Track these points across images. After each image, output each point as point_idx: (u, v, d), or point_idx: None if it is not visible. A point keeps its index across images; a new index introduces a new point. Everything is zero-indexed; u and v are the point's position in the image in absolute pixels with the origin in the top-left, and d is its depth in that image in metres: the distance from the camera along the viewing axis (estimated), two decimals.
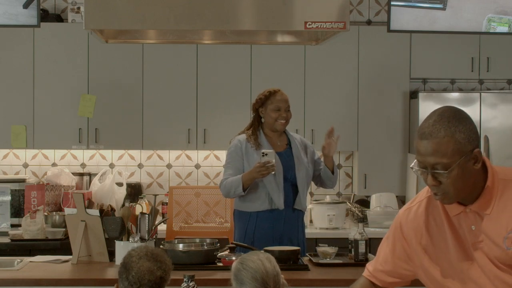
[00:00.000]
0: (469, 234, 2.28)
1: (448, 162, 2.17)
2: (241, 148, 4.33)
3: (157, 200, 4.40)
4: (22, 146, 5.86)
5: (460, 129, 2.19)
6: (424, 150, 2.20)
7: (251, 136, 4.36)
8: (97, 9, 3.59)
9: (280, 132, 4.42)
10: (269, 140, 4.38)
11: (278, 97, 4.36)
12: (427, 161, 2.20)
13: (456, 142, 2.17)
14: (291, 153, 4.37)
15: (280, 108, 4.34)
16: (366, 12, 6.28)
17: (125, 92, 5.87)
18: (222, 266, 3.88)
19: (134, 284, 2.75)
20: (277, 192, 4.26)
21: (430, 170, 2.21)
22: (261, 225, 4.28)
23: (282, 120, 4.35)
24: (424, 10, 4.44)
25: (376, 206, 5.83)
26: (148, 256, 2.79)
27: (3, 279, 3.69)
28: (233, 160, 4.34)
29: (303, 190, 4.34)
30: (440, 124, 2.19)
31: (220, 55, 5.86)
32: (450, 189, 2.21)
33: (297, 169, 4.33)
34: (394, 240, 2.49)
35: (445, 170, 2.18)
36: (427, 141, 2.19)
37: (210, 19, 3.61)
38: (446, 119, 2.20)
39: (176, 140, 5.89)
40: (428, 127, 2.20)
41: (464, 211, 2.28)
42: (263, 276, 2.60)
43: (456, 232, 2.30)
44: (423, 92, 5.88)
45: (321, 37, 4.13)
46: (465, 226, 2.28)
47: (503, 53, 5.97)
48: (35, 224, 4.82)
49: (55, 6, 6.17)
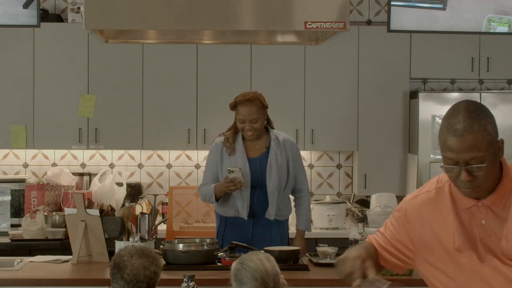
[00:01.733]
0: (477, 229, 2.27)
1: (484, 155, 2.17)
2: (217, 152, 4.30)
3: (157, 200, 4.40)
4: (22, 146, 5.86)
5: (489, 121, 2.20)
6: (459, 146, 2.18)
7: (228, 139, 4.28)
8: (97, 9, 3.58)
9: (261, 134, 4.30)
10: (247, 144, 4.29)
11: (243, 108, 4.21)
12: (461, 157, 2.18)
13: (489, 134, 2.18)
14: (267, 159, 4.26)
15: (244, 121, 4.22)
16: (366, 12, 6.28)
17: (125, 92, 5.87)
18: (222, 266, 3.88)
19: (131, 282, 2.77)
20: (241, 201, 4.20)
21: (464, 166, 2.19)
22: (229, 231, 4.27)
23: (248, 132, 4.23)
24: (424, 10, 4.44)
25: (376, 206, 5.83)
26: (139, 253, 2.84)
27: (3, 279, 3.69)
28: (211, 164, 4.33)
29: (273, 199, 4.22)
30: (471, 119, 2.18)
31: (220, 55, 5.86)
32: (483, 182, 2.20)
33: (268, 177, 4.22)
34: (397, 225, 2.46)
35: (481, 163, 2.17)
36: (462, 137, 2.17)
37: (210, 19, 3.61)
38: (474, 113, 2.19)
39: (176, 140, 5.89)
40: (460, 123, 2.18)
41: (476, 205, 2.27)
42: (262, 275, 2.61)
43: (463, 226, 2.29)
44: (423, 92, 5.88)
45: (321, 37, 4.13)
46: (475, 220, 2.28)
47: (503, 53, 5.97)
48: (35, 224, 4.82)
49: (55, 6, 6.17)
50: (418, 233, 2.39)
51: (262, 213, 4.24)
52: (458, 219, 2.31)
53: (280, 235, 4.31)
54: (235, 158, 4.24)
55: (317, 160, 6.26)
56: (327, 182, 6.27)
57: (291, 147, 4.34)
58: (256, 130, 4.24)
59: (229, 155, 4.25)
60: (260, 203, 4.23)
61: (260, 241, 4.18)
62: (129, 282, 2.77)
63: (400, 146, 5.97)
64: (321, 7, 3.63)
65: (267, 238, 4.24)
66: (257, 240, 4.20)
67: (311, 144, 5.94)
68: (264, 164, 4.25)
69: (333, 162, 6.27)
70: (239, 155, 4.24)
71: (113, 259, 2.86)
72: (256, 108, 4.22)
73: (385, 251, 2.47)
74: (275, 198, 4.23)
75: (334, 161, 6.27)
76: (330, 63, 5.91)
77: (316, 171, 6.26)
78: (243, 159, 4.24)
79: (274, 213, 4.24)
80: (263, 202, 4.23)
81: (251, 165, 4.24)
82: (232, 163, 4.21)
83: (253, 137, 4.26)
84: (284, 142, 4.32)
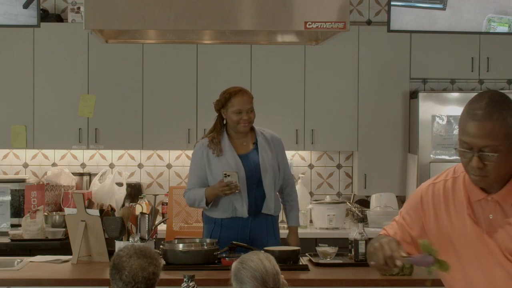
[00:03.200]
0: (485, 222, 2.29)
1: (498, 145, 2.18)
2: (202, 155, 4.21)
3: (157, 200, 4.40)
4: (22, 146, 5.86)
5: (510, 114, 2.21)
6: (476, 131, 2.20)
7: (213, 140, 4.21)
8: (97, 9, 3.58)
9: (246, 132, 4.26)
10: (234, 142, 4.24)
11: (238, 98, 4.18)
12: (476, 143, 2.20)
13: (507, 126, 2.19)
14: (258, 154, 4.23)
15: (242, 111, 4.17)
16: (366, 12, 6.28)
17: (125, 92, 5.87)
18: (222, 266, 3.88)
19: (129, 284, 2.78)
20: (240, 200, 4.15)
21: (477, 152, 2.20)
22: (225, 233, 4.18)
23: (244, 122, 4.19)
24: (424, 10, 4.43)
25: (376, 206, 5.83)
26: (138, 253, 2.84)
27: (3, 279, 3.69)
28: (196, 168, 4.23)
29: (270, 194, 4.19)
30: (492, 107, 2.20)
31: (220, 55, 5.86)
32: (492, 172, 2.22)
33: (263, 172, 4.19)
34: (413, 214, 2.47)
35: (493, 152, 2.19)
36: (480, 123, 2.19)
37: (210, 19, 3.61)
38: (497, 102, 2.21)
39: (176, 140, 5.89)
40: (481, 109, 2.20)
41: (486, 199, 2.29)
42: (263, 275, 2.61)
43: (475, 217, 2.32)
44: (423, 92, 5.89)
45: (321, 37, 4.13)
46: (484, 213, 2.30)
47: (503, 53, 5.97)
48: (35, 224, 4.82)
49: (55, 6, 6.17)
50: (431, 223, 2.41)
51: (259, 210, 4.21)
52: (470, 208, 2.33)
53: (274, 231, 4.29)
54: (225, 158, 4.17)
55: (317, 160, 6.26)
56: (327, 182, 6.27)
57: (278, 143, 4.33)
58: (252, 121, 4.21)
59: (217, 156, 4.18)
60: (257, 199, 4.20)
61: (257, 240, 4.17)
62: (128, 283, 2.78)
63: (400, 146, 5.97)
64: (321, 7, 3.63)
65: (263, 235, 4.22)
66: (253, 239, 4.18)
67: (311, 144, 5.93)
68: (256, 160, 4.21)
69: (333, 162, 6.27)
70: (229, 154, 4.18)
71: (112, 260, 2.87)
72: (249, 98, 4.22)
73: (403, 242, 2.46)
74: (272, 192, 4.20)
75: (334, 161, 6.27)
76: (330, 63, 5.91)
77: (316, 171, 6.26)
78: (234, 157, 4.18)
79: (273, 208, 4.22)
80: (259, 198, 4.21)
81: (243, 161, 4.20)
82: (222, 163, 4.15)
83: (248, 128, 4.21)
84: (272, 139, 4.30)
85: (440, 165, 5.60)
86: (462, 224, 2.33)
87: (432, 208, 2.41)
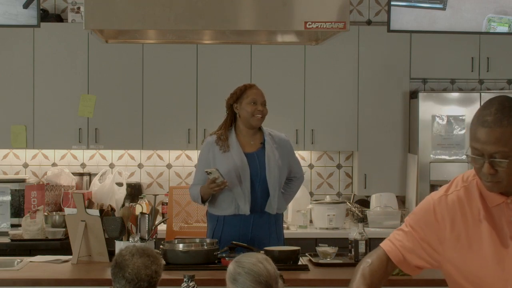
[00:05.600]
0: (508, 226, 2.27)
1: (508, 151, 2.17)
2: (208, 152, 4.23)
3: (157, 200, 4.40)
4: (22, 146, 5.86)
5: None
6: (485, 138, 2.18)
7: (221, 137, 4.23)
8: (97, 9, 3.58)
9: (255, 130, 4.26)
10: (242, 139, 4.24)
11: (254, 90, 4.23)
12: (486, 149, 2.19)
13: None
14: (264, 153, 4.23)
15: (256, 102, 4.19)
16: (366, 12, 6.28)
17: (125, 92, 5.87)
18: (222, 266, 3.88)
19: (132, 281, 2.79)
20: (243, 197, 4.14)
21: (487, 159, 2.19)
22: (228, 230, 4.18)
23: (258, 114, 4.19)
24: (424, 10, 4.43)
25: (376, 206, 5.83)
26: (140, 252, 2.86)
27: (3, 279, 3.69)
28: (202, 164, 4.24)
29: (274, 193, 4.19)
30: (503, 113, 2.18)
31: (220, 55, 5.86)
32: (505, 178, 2.20)
33: (267, 170, 4.18)
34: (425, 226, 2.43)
35: (504, 159, 2.17)
36: (490, 129, 2.18)
37: (210, 19, 3.61)
38: (507, 108, 2.19)
39: (176, 140, 5.90)
40: (491, 115, 2.19)
41: (506, 202, 2.27)
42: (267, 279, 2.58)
43: (494, 223, 2.29)
44: (423, 92, 5.89)
45: (321, 37, 4.13)
46: (505, 217, 2.28)
47: (503, 53, 5.98)
48: (35, 224, 4.82)
49: (55, 6, 6.17)
50: (447, 234, 2.38)
51: (262, 208, 4.21)
52: (488, 215, 2.31)
53: (277, 230, 4.28)
54: (231, 155, 4.17)
55: (317, 160, 6.26)
56: (327, 182, 6.27)
57: (286, 144, 4.33)
58: (265, 115, 4.23)
59: (223, 152, 4.18)
60: (260, 197, 4.19)
61: (259, 238, 4.17)
62: (131, 281, 2.79)
63: (400, 146, 5.97)
64: (321, 7, 3.63)
65: (265, 234, 4.21)
66: (255, 237, 4.18)
67: (311, 144, 5.94)
68: (262, 159, 4.21)
69: (333, 162, 6.27)
70: (235, 150, 4.18)
71: (114, 259, 2.88)
72: (263, 93, 4.27)
73: (413, 254, 2.43)
74: (276, 192, 4.20)
75: (334, 161, 6.28)
76: (330, 63, 5.91)
77: (316, 171, 6.26)
78: (239, 154, 4.18)
79: (276, 207, 4.22)
80: (262, 196, 4.20)
81: (249, 160, 4.20)
82: (228, 160, 4.15)
83: (261, 122, 4.23)
84: (280, 141, 4.31)
85: (440, 165, 5.60)
86: (479, 233, 2.30)
87: (448, 219, 2.38)
